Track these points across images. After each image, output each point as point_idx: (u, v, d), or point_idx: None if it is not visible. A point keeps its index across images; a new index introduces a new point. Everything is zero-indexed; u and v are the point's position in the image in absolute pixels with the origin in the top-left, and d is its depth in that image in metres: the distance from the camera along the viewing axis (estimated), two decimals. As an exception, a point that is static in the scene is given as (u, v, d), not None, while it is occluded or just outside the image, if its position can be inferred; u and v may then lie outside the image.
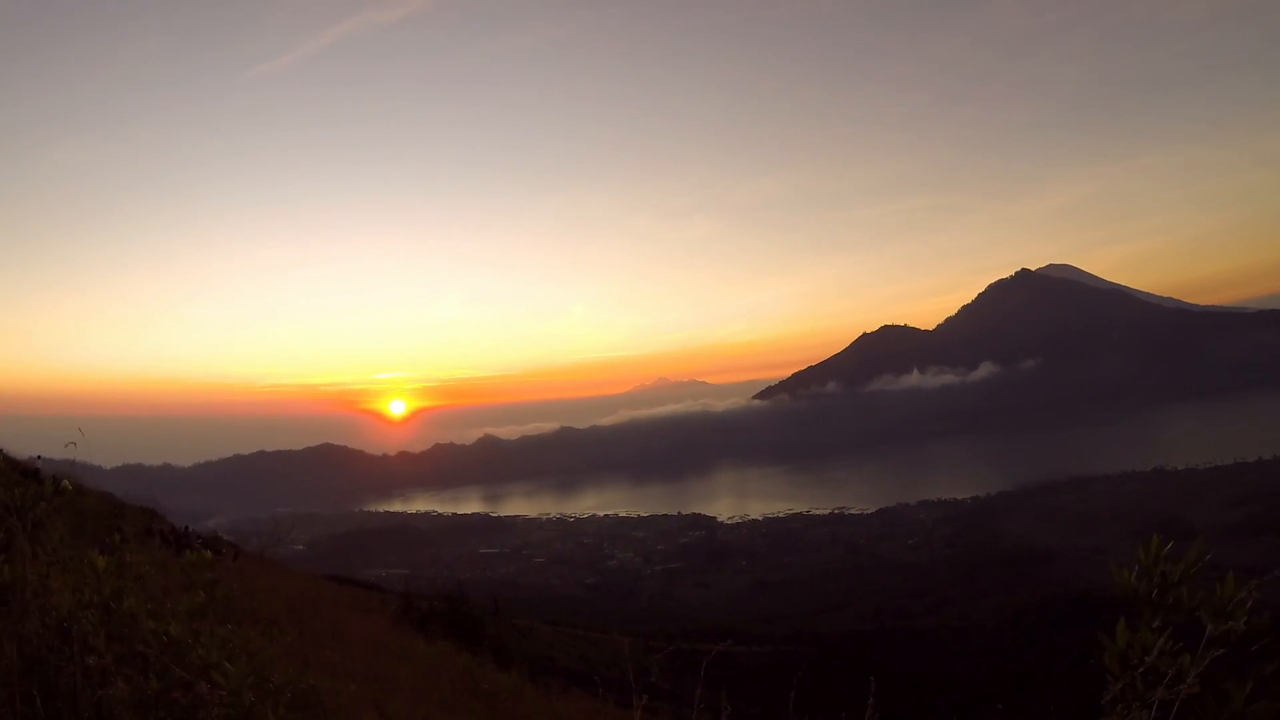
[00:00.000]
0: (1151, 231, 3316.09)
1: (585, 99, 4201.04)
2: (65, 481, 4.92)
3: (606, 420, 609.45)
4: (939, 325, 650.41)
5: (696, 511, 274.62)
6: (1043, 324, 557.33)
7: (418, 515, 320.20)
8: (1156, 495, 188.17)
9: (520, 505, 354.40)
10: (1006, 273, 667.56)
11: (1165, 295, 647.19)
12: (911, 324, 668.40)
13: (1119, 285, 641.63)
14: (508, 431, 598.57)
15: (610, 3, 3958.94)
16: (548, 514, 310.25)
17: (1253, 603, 2.80)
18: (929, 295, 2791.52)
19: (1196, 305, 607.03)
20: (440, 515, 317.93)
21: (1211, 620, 2.79)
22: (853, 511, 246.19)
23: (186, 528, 30.30)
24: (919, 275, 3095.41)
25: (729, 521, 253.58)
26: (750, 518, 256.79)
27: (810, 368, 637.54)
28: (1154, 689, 2.77)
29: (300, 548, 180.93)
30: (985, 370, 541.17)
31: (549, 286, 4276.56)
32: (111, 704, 3.66)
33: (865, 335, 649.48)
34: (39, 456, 5.48)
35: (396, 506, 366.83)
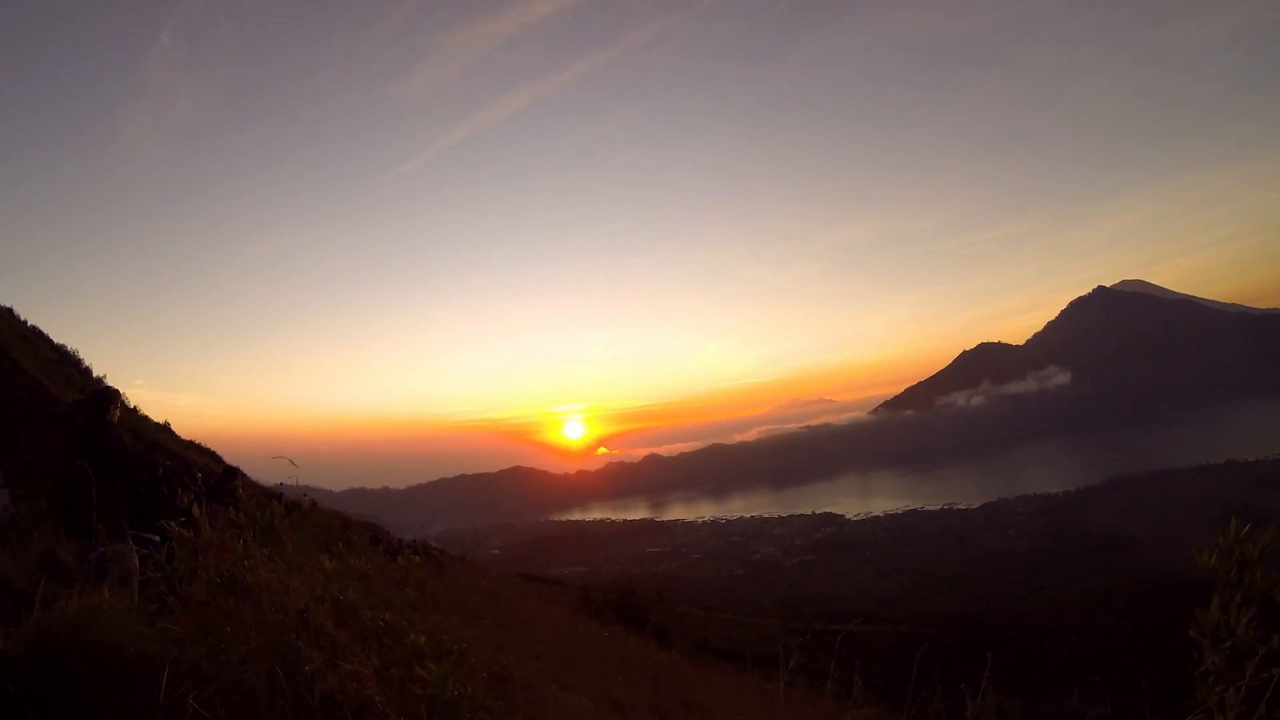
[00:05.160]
0: (1211, 243, 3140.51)
1: (682, 168, 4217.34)
2: (308, 500, 5.23)
3: (749, 436, 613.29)
4: (1028, 340, 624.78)
5: (827, 511, 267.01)
6: (1120, 334, 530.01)
7: (594, 522, 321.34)
8: (1230, 486, 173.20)
9: (680, 511, 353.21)
10: (1085, 290, 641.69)
11: (1229, 302, 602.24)
12: (1004, 340, 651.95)
13: (1187, 295, 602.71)
14: (667, 450, 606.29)
15: (703, 84, 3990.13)
16: (702, 517, 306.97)
17: None
18: (1017, 314, 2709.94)
19: (1259, 309, 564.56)
20: (613, 521, 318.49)
21: None
22: (960, 507, 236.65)
23: (399, 539, 31.49)
24: (1005, 297, 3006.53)
25: (855, 518, 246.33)
26: (873, 515, 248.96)
27: (920, 383, 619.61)
28: (1240, 667, 2.44)
29: (495, 552, 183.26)
30: (1071, 378, 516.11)
31: (682, 328, 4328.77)
32: (339, 678, 3.83)
33: (965, 352, 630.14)
34: (281, 484, 5.81)
35: (576, 516, 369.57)
